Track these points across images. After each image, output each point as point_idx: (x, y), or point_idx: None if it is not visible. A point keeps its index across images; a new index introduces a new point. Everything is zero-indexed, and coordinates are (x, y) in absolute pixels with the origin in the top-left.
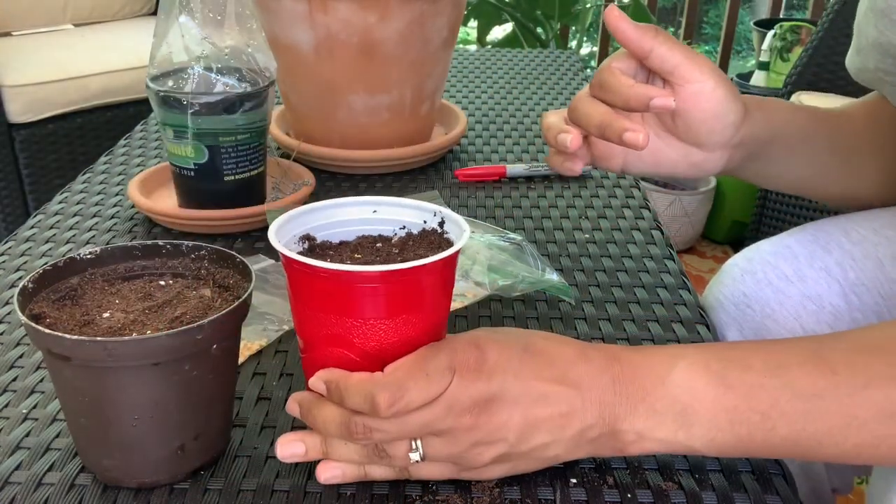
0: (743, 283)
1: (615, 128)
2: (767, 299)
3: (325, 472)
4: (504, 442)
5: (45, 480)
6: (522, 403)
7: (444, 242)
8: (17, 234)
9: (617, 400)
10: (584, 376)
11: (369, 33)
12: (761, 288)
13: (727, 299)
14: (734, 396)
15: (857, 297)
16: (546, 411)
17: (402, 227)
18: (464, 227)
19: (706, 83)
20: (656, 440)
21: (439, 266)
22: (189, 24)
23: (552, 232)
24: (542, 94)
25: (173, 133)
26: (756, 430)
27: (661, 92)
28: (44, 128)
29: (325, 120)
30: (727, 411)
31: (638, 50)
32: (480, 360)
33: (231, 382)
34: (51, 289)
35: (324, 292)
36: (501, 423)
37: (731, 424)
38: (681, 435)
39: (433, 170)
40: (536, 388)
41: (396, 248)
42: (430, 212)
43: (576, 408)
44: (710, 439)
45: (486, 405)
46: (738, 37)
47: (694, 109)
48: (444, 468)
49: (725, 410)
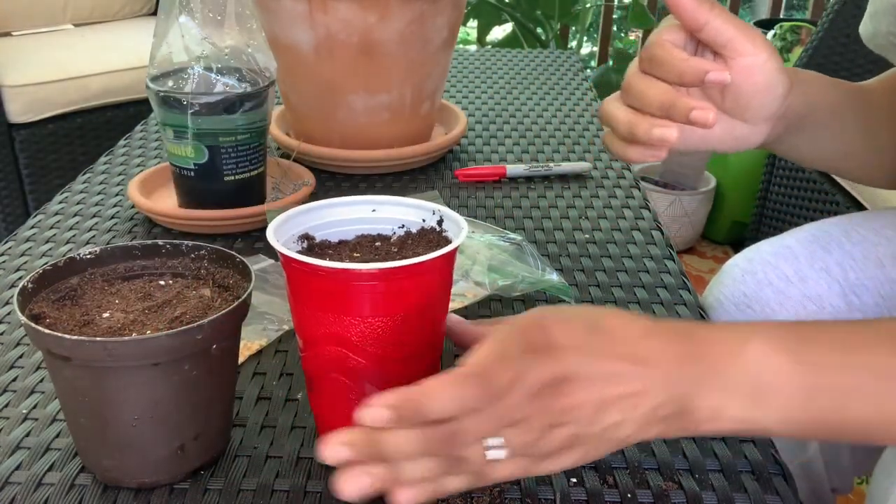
0: (743, 283)
1: (680, 107)
2: (768, 300)
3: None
4: (576, 423)
5: (45, 480)
6: (593, 382)
7: (443, 241)
8: (17, 234)
9: (688, 377)
10: (654, 353)
11: (369, 33)
12: (762, 288)
13: (727, 299)
14: (812, 375)
15: (858, 298)
16: (617, 390)
17: (402, 226)
18: (462, 226)
19: (759, 55)
20: (729, 419)
21: (438, 263)
22: (189, 24)
23: (552, 232)
24: (542, 94)
25: (173, 133)
26: (833, 411)
27: (716, 66)
28: (44, 128)
29: (325, 120)
30: (804, 389)
31: (693, 21)
32: (548, 341)
33: (231, 382)
34: (50, 289)
35: (322, 291)
36: (573, 404)
37: (807, 403)
38: (757, 413)
39: (433, 170)
40: (606, 366)
41: (395, 247)
42: (429, 210)
43: (646, 386)
44: (786, 418)
45: (557, 386)
46: None
47: (746, 83)
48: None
49: (802, 389)
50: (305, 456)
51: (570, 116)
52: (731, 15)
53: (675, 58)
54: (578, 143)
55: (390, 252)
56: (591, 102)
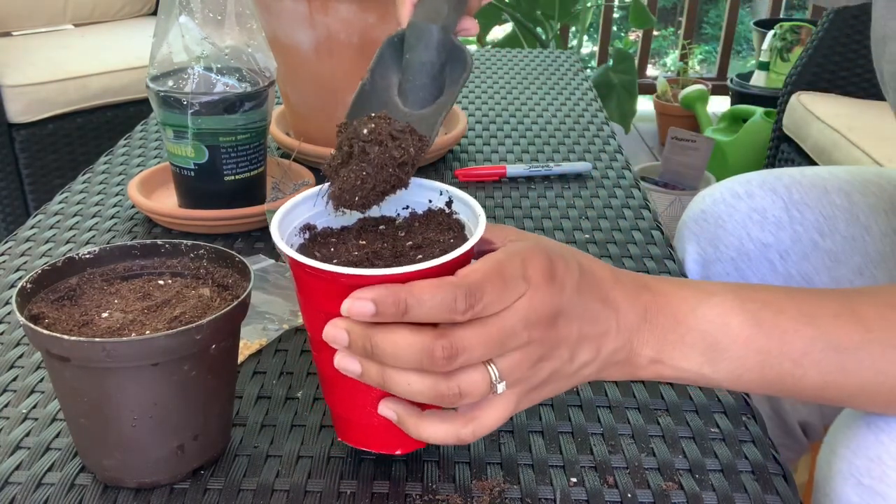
0: (702, 202)
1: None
2: (720, 213)
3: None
4: (559, 358)
5: (45, 480)
6: (580, 320)
7: (455, 224)
8: (17, 234)
9: (647, 327)
10: (621, 300)
11: (369, 33)
12: (716, 204)
13: (689, 218)
14: (767, 339)
15: (799, 213)
16: (594, 329)
17: (406, 207)
18: (478, 212)
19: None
20: (676, 368)
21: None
22: (189, 24)
23: (552, 232)
24: (542, 94)
25: (173, 133)
26: (786, 376)
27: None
28: (44, 128)
29: (325, 120)
30: (759, 353)
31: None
32: (551, 272)
33: (230, 382)
34: (49, 289)
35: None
36: (562, 338)
37: (760, 366)
38: (706, 369)
39: (433, 170)
40: (591, 306)
41: (402, 231)
42: (436, 190)
43: (612, 329)
44: (737, 376)
45: (554, 319)
46: (738, 37)
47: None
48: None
49: (757, 352)
50: (305, 455)
51: (570, 116)
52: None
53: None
54: (578, 143)
55: (397, 236)
56: (591, 102)
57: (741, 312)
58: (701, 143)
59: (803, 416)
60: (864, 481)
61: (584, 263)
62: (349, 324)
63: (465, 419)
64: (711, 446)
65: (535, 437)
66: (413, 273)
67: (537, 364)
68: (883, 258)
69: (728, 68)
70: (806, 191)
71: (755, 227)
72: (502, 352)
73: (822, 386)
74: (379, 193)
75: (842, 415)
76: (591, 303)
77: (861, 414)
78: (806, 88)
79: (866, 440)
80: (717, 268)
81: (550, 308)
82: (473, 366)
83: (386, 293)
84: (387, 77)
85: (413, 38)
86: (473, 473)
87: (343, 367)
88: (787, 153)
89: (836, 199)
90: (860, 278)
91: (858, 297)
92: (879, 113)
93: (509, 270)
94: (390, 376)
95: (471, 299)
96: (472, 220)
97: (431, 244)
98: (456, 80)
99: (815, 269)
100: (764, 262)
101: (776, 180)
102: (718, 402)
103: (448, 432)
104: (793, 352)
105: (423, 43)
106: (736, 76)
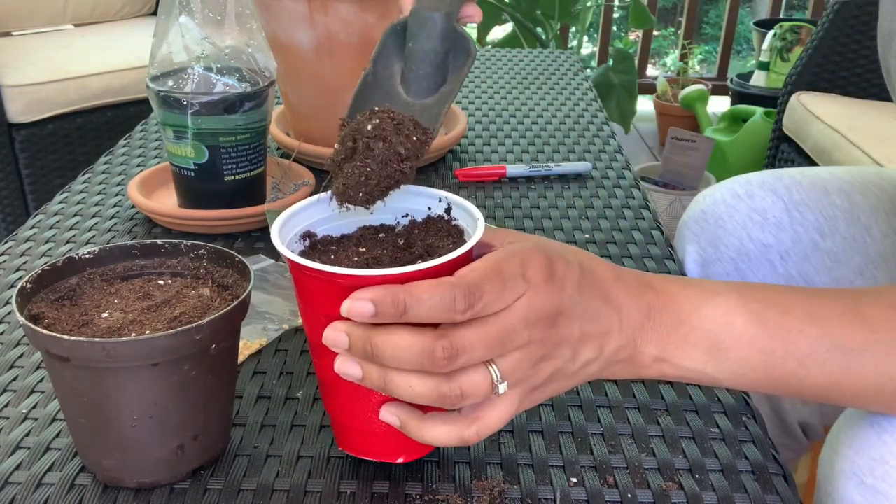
0: (702, 202)
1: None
2: (720, 213)
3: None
4: (561, 357)
5: (45, 480)
6: (581, 318)
7: (454, 230)
8: (17, 234)
9: (650, 326)
10: (623, 298)
11: (369, 33)
12: (717, 205)
13: (690, 218)
14: (771, 339)
15: (800, 214)
16: (596, 328)
17: (405, 215)
18: (476, 216)
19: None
20: (680, 367)
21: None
22: (189, 24)
23: (552, 232)
24: (542, 94)
25: (173, 133)
26: (790, 376)
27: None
28: (44, 128)
29: (325, 120)
30: (763, 352)
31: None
32: (550, 272)
33: (230, 382)
34: (49, 289)
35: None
36: (563, 338)
37: (764, 366)
38: (710, 368)
39: (433, 170)
40: (592, 305)
41: (402, 238)
42: (435, 197)
43: (614, 327)
44: (740, 376)
45: (554, 318)
46: (738, 37)
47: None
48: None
49: (761, 351)
50: (305, 455)
51: (570, 116)
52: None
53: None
54: (578, 143)
55: (397, 244)
56: (591, 102)
57: (745, 312)
58: (701, 143)
59: (803, 417)
60: (867, 481)
61: (585, 262)
62: (349, 326)
63: (469, 420)
64: (711, 446)
65: (535, 437)
66: (412, 273)
67: (539, 364)
68: (883, 259)
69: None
70: (806, 191)
71: (755, 227)
72: (503, 352)
73: (827, 386)
74: (383, 189)
75: (844, 414)
76: (592, 301)
77: (864, 413)
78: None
79: (869, 439)
80: (717, 268)
81: (551, 307)
82: (474, 366)
83: (385, 293)
84: (390, 66)
85: (416, 27)
86: (473, 473)
87: (343, 371)
88: (787, 153)
89: (836, 200)
90: (861, 279)
91: (863, 298)
92: (879, 113)
93: (508, 269)
94: (391, 379)
95: (470, 298)
96: (471, 225)
97: (431, 250)
98: (459, 69)
99: (816, 270)
100: (764, 263)
101: (776, 181)
102: (718, 402)
103: (451, 434)
104: (797, 352)
105: (425, 31)
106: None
